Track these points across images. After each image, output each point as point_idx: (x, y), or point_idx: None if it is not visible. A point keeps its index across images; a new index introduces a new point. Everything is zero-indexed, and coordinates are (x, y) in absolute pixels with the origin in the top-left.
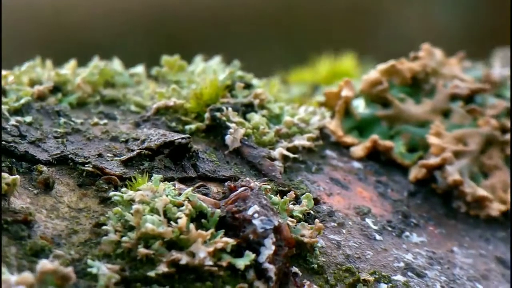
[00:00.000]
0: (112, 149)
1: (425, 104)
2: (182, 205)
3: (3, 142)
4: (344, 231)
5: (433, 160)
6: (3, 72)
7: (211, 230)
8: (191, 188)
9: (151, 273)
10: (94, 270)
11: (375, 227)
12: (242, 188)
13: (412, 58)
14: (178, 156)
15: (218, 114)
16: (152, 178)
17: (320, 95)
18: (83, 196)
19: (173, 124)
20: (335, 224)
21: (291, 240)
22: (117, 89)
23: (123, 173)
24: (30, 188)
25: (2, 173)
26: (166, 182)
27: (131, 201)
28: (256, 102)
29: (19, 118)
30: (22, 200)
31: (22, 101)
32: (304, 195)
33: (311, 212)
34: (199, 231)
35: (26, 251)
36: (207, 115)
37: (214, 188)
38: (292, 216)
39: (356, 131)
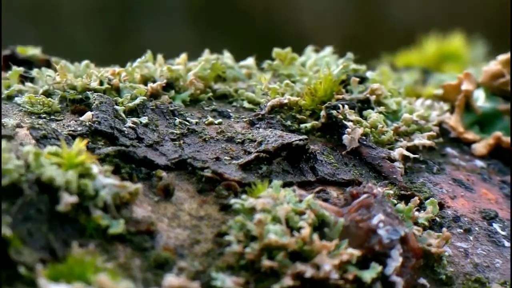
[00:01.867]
0: (229, 151)
1: None
2: (304, 213)
3: (122, 147)
4: (471, 237)
5: None
6: (117, 69)
7: (335, 241)
8: (312, 194)
9: (276, 286)
10: (218, 283)
11: (503, 233)
12: (365, 195)
13: None
14: (295, 158)
15: (334, 112)
16: (272, 184)
17: (434, 83)
18: (203, 203)
19: (288, 122)
20: (461, 231)
21: (418, 250)
22: (228, 83)
23: (242, 178)
24: (150, 196)
25: (125, 182)
26: (286, 188)
27: (252, 210)
28: (373, 98)
29: (135, 120)
30: (144, 209)
31: (137, 101)
32: (429, 200)
33: (436, 218)
34: (323, 241)
35: (150, 263)
36: (322, 113)
37: (333, 192)
38: (417, 224)
39: (477, 126)
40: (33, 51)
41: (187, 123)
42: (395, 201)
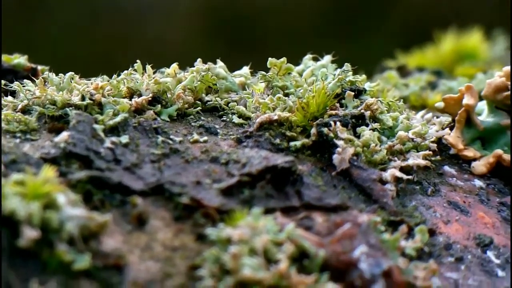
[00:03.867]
0: (211, 173)
1: None
2: (283, 243)
3: (96, 172)
4: (462, 267)
5: None
6: (100, 83)
7: (315, 276)
8: (293, 224)
9: None
10: None
11: (497, 261)
12: (348, 225)
13: None
14: (280, 181)
15: (325, 129)
16: (252, 212)
17: (442, 90)
18: (179, 232)
19: (277, 140)
20: (453, 260)
21: (402, 285)
22: (220, 94)
23: (222, 205)
24: (123, 225)
25: (93, 213)
26: (267, 216)
27: (229, 240)
28: (368, 113)
29: (114, 139)
30: (114, 240)
31: (118, 118)
32: (418, 228)
33: (425, 247)
34: (301, 275)
35: None
36: (313, 130)
37: (319, 218)
38: (404, 254)
39: (478, 142)
40: (19, 60)
41: (170, 141)
42: (383, 229)
